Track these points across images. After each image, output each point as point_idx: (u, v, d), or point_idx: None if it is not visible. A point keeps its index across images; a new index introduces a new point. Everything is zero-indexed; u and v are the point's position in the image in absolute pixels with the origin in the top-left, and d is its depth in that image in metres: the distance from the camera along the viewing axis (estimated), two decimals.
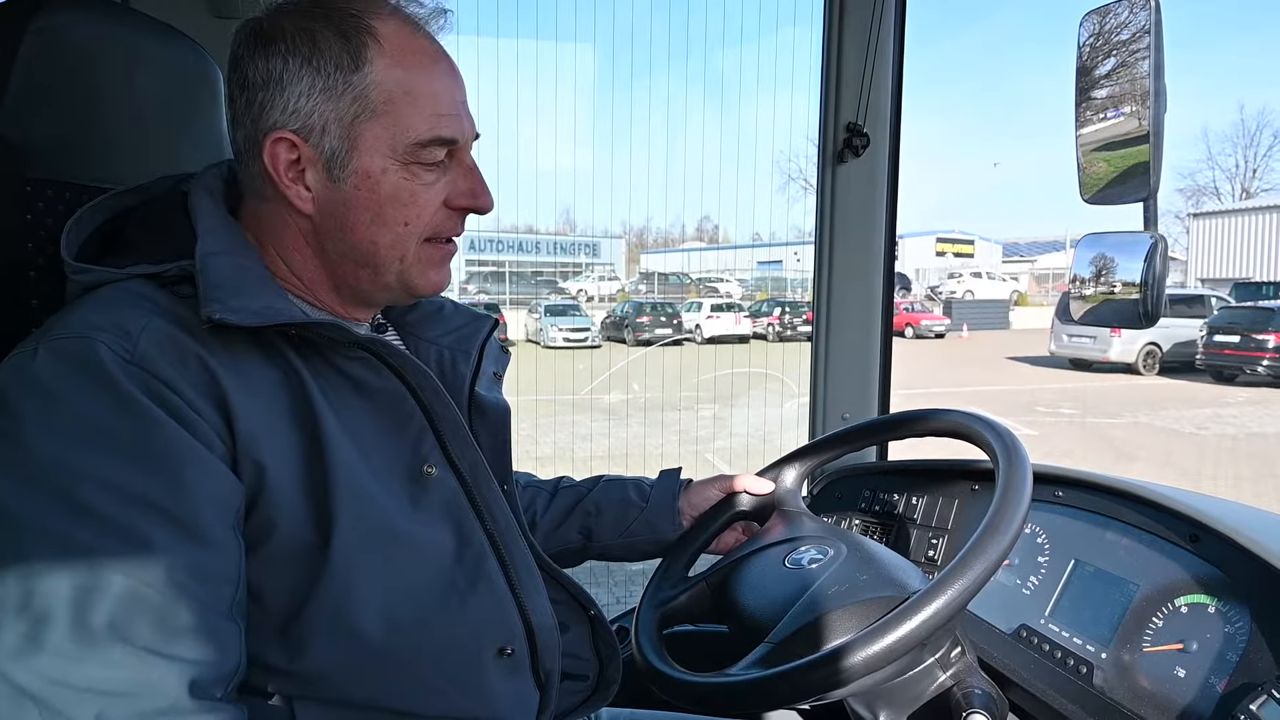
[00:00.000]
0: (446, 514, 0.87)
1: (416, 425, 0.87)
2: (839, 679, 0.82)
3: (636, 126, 12.47)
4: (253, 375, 0.79)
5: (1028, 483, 0.92)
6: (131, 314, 0.75)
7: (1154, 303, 1.03)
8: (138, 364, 0.72)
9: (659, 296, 20.22)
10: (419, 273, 0.89)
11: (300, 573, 0.78)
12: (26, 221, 0.87)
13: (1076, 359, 16.72)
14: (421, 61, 0.85)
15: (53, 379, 0.70)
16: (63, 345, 0.72)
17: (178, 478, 0.71)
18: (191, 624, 0.70)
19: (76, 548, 0.67)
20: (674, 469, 1.27)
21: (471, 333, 1.03)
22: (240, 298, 0.77)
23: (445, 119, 0.85)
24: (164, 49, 1.03)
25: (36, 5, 0.88)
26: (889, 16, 1.63)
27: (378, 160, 0.83)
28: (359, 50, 0.82)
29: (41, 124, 0.88)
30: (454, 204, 0.89)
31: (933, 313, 26.19)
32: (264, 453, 0.76)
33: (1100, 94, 1.09)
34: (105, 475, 0.68)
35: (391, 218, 0.85)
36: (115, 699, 0.66)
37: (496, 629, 0.88)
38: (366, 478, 0.82)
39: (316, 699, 0.81)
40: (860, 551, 1.04)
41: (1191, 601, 0.95)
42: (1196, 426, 10.61)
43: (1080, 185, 1.12)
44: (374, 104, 0.83)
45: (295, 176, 0.84)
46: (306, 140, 0.83)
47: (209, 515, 0.72)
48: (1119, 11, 1.05)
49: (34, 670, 0.65)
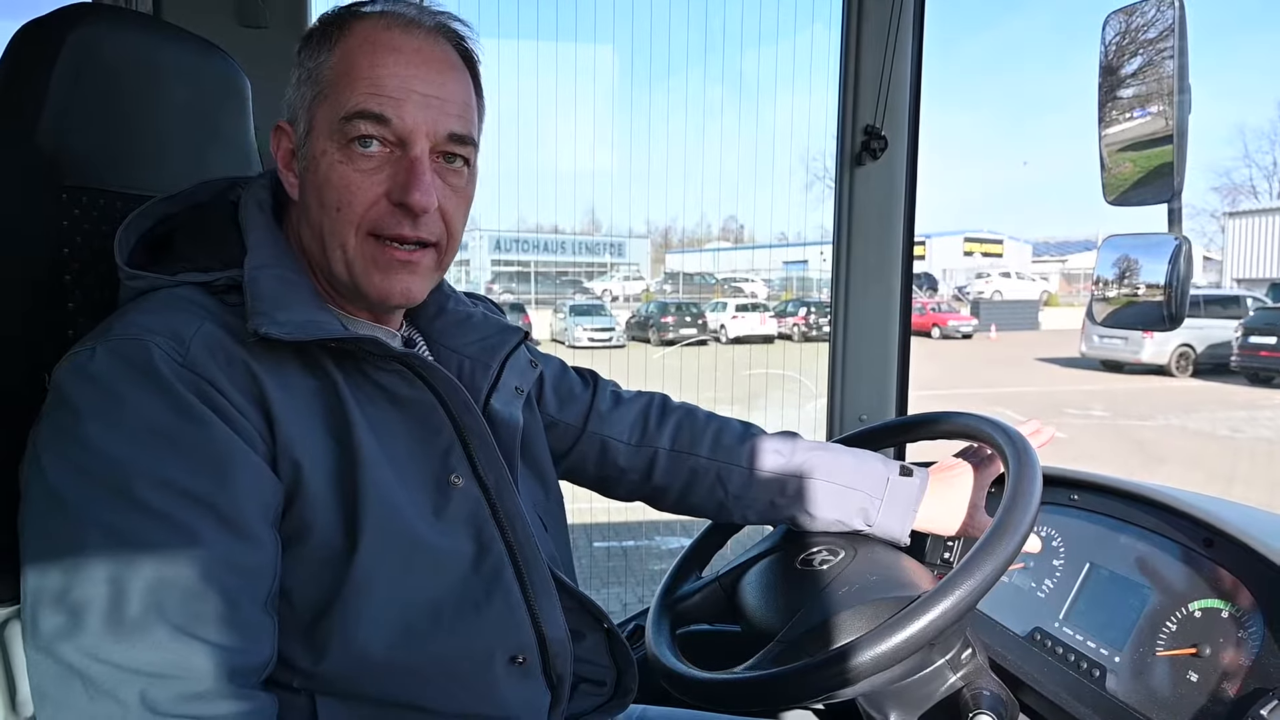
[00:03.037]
0: (469, 523, 0.89)
1: (446, 436, 0.89)
2: (848, 678, 0.83)
3: (660, 126, 12.49)
4: (293, 382, 0.82)
5: (1037, 485, 0.93)
6: (184, 319, 0.79)
7: (1178, 305, 1.03)
8: (189, 367, 0.76)
9: (684, 296, 20.18)
10: (362, 271, 0.87)
11: (327, 574, 0.81)
12: (63, 227, 0.90)
13: (1108, 360, 16.49)
14: (375, 48, 0.85)
15: (110, 377, 0.74)
16: (120, 346, 0.75)
17: (224, 475, 0.74)
18: (231, 614, 0.73)
19: (127, 537, 0.70)
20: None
21: (496, 344, 1.01)
22: (285, 311, 0.81)
23: (378, 97, 0.83)
24: (194, 59, 1.06)
25: (74, 18, 0.91)
26: (907, 19, 1.64)
27: (321, 141, 0.85)
28: (328, 41, 0.87)
29: (77, 133, 0.91)
30: (393, 198, 0.85)
31: (960, 313, 25.93)
32: (301, 455, 0.80)
33: (1125, 94, 1.08)
34: (157, 471, 0.72)
35: (328, 201, 0.85)
36: (158, 680, 0.69)
37: (510, 638, 0.90)
38: (394, 486, 0.84)
39: (337, 694, 0.83)
40: (871, 553, 1.05)
41: (1206, 606, 0.94)
42: (1231, 429, 10.43)
43: (1104, 186, 1.12)
44: (323, 85, 0.86)
45: (290, 164, 0.90)
46: (292, 127, 0.89)
47: (251, 512, 0.76)
48: (1144, 11, 1.05)
49: (82, 649, 0.68)
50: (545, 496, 1.08)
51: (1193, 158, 1.01)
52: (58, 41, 0.89)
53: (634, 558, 4.78)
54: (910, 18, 1.65)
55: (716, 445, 1.16)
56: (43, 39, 0.89)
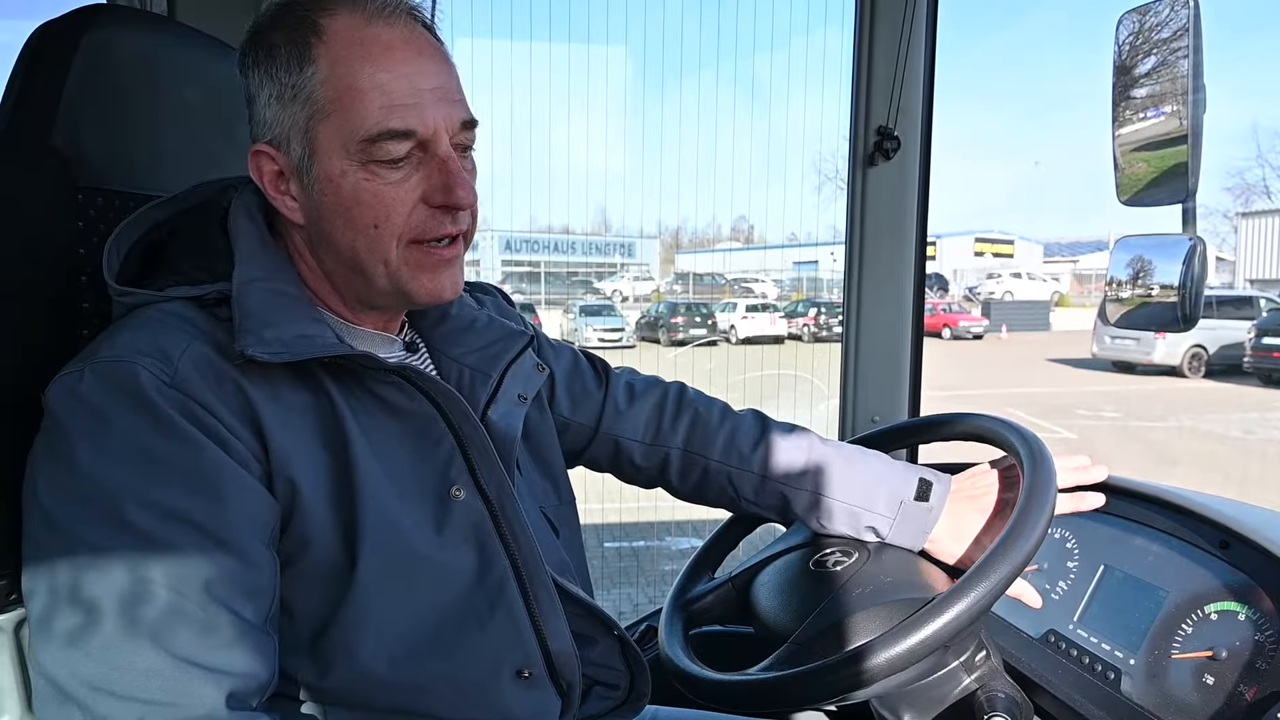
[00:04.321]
0: (471, 537, 0.88)
1: (446, 448, 0.87)
2: (863, 679, 0.83)
3: (671, 127, 12.49)
4: (286, 398, 0.81)
5: (1052, 487, 0.92)
6: (172, 338, 0.77)
7: (1192, 306, 1.02)
8: (177, 388, 0.74)
9: (694, 297, 20.17)
10: (410, 277, 0.85)
11: (328, 591, 0.80)
12: (78, 229, 0.90)
13: (1120, 361, 16.39)
14: (369, 51, 0.80)
15: (98, 400, 0.73)
16: (107, 368, 0.74)
17: (216, 496, 0.74)
18: (229, 636, 0.72)
19: (119, 561, 0.70)
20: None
21: (498, 353, 0.98)
22: (274, 328, 0.79)
23: (397, 110, 0.80)
24: (208, 60, 1.06)
25: (89, 20, 0.91)
26: (920, 19, 1.63)
27: (335, 162, 0.81)
28: (304, 50, 0.80)
29: (92, 134, 0.91)
30: (431, 201, 0.84)
31: (970, 313, 25.83)
32: (297, 472, 0.78)
33: (1139, 93, 1.08)
34: (147, 494, 0.71)
35: (360, 221, 0.82)
36: (156, 707, 0.68)
37: (515, 652, 0.89)
38: (393, 500, 0.83)
39: (345, 705, 0.83)
40: (886, 554, 1.04)
41: (1221, 609, 0.94)
42: (1244, 431, 10.35)
43: (1118, 186, 1.11)
44: (321, 103, 0.80)
45: (284, 188, 0.85)
46: (279, 150, 0.84)
47: (246, 532, 0.75)
48: (1158, 10, 1.04)
49: (78, 676, 0.68)
50: (557, 499, 1.07)
51: (1206, 157, 1.00)
52: (74, 43, 0.89)
53: (645, 558, 4.78)
54: (923, 18, 1.64)
55: (729, 449, 1.14)
56: (59, 40, 0.90)
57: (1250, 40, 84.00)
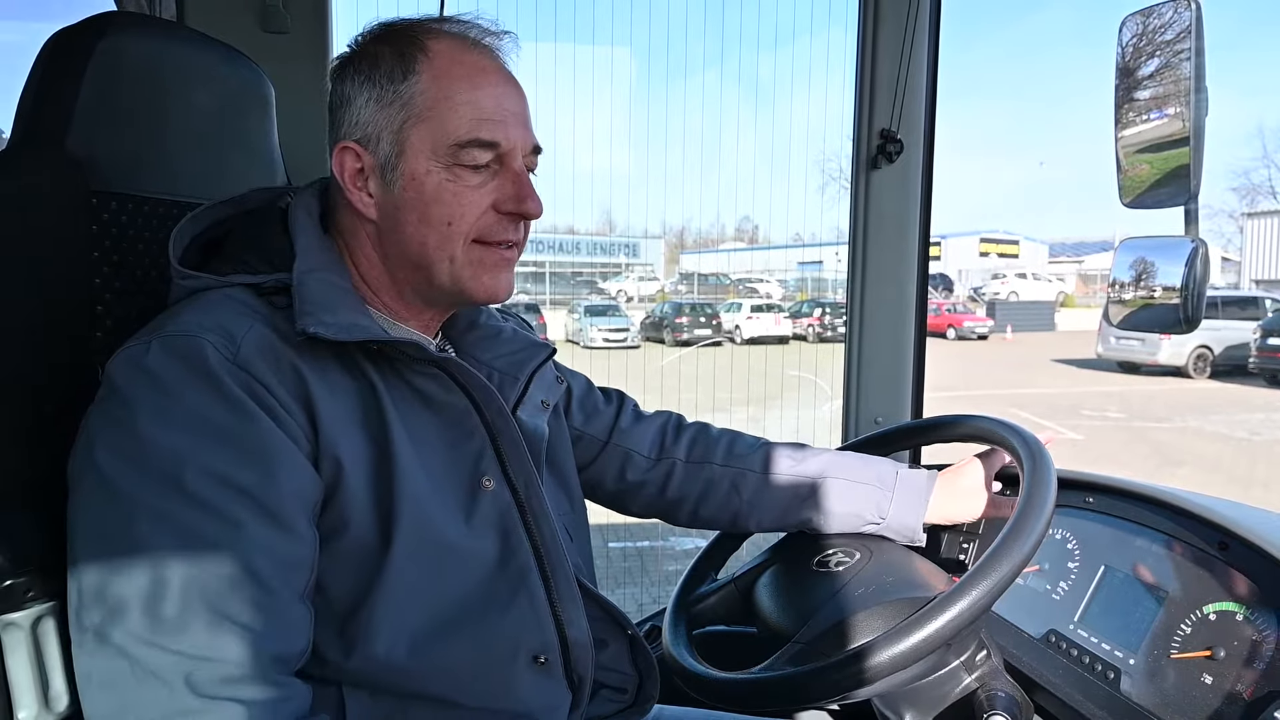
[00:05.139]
0: (497, 526, 0.92)
1: (479, 440, 0.92)
2: (864, 678, 0.84)
3: (675, 128, 12.49)
4: (335, 382, 0.85)
5: (1052, 488, 0.93)
6: (235, 319, 0.82)
7: (1194, 308, 1.03)
8: (240, 364, 0.79)
9: (698, 297, 20.16)
10: (470, 275, 0.92)
11: (361, 572, 0.84)
12: (93, 231, 0.92)
13: (1125, 362, 16.37)
14: (467, 72, 0.90)
15: (164, 371, 0.77)
16: (174, 342, 0.78)
17: (269, 469, 0.78)
18: (272, 603, 0.76)
19: (177, 526, 0.74)
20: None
21: (525, 359, 1.04)
22: (332, 314, 0.84)
23: (486, 123, 0.89)
24: (219, 65, 1.08)
25: (103, 27, 0.93)
26: (923, 22, 1.64)
27: (422, 162, 0.89)
28: (410, 64, 0.89)
29: (105, 139, 0.93)
30: (502, 208, 0.92)
31: (975, 314, 25.79)
32: (342, 454, 0.83)
33: (1142, 95, 1.09)
34: (207, 462, 0.75)
35: (435, 217, 0.89)
36: (202, 663, 0.72)
37: (533, 637, 0.92)
38: (426, 488, 0.87)
39: (364, 687, 0.86)
40: (887, 554, 1.05)
41: (1220, 609, 0.95)
42: (1249, 431, 10.33)
43: (1120, 189, 1.12)
44: (418, 110, 0.88)
45: (361, 184, 0.91)
46: (366, 148, 0.90)
47: (293, 506, 0.79)
48: (1161, 12, 1.05)
49: (130, 633, 0.71)
50: (570, 507, 1.10)
51: (1210, 158, 1.01)
52: (88, 50, 0.91)
53: (649, 558, 4.79)
54: (926, 21, 1.65)
55: (730, 453, 1.21)
56: (73, 47, 0.91)
57: (1256, 40, 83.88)
